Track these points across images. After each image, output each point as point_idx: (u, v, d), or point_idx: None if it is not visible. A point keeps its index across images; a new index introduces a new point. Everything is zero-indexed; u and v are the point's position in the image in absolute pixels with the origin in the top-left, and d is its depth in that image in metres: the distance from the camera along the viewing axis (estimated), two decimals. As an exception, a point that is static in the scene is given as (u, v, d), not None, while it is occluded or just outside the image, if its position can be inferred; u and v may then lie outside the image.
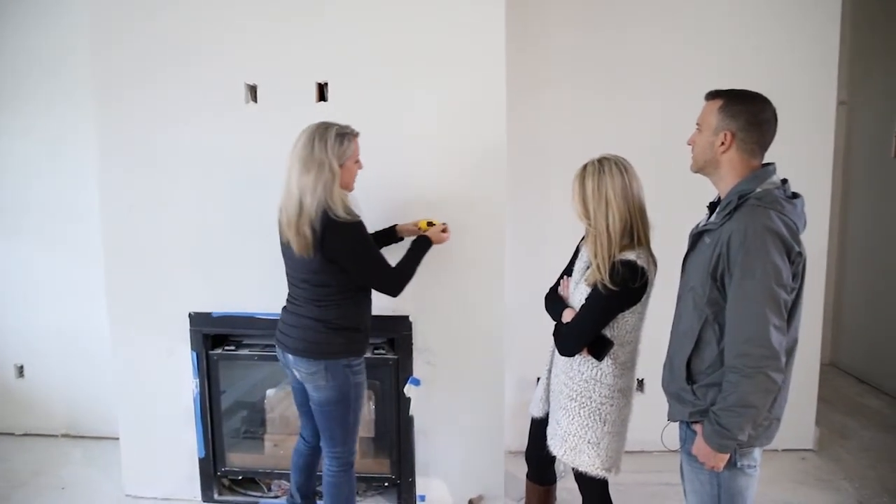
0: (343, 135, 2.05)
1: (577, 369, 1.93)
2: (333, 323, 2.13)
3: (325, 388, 2.15)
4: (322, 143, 2.00)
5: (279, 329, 2.23)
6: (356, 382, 2.21)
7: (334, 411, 2.19)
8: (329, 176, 2.00)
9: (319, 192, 1.98)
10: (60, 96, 3.27)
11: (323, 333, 2.13)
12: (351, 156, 2.07)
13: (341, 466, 2.26)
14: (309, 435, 2.39)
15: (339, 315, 2.14)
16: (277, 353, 2.27)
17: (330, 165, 1.99)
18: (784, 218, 1.51)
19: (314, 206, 1.98)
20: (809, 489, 2.92)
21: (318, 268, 2.07)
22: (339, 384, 2.16)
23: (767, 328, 1.46)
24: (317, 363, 2.13)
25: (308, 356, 2.13)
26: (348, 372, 2.17)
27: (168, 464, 2.84)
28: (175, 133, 2.64)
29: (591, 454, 1.91)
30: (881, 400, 3.93)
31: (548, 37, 3.09)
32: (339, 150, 2.03)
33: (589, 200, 1.85)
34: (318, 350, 2.13)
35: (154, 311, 2.75)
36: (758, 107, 1.60)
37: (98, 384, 3.38)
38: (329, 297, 2.12)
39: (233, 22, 2.58)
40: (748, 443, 1.59)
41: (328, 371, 2.13)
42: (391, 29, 2.54)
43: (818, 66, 3.05)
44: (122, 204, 2.71)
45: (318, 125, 2.05)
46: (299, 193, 2.00)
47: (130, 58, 2.63)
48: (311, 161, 1.99)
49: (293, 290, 2.20)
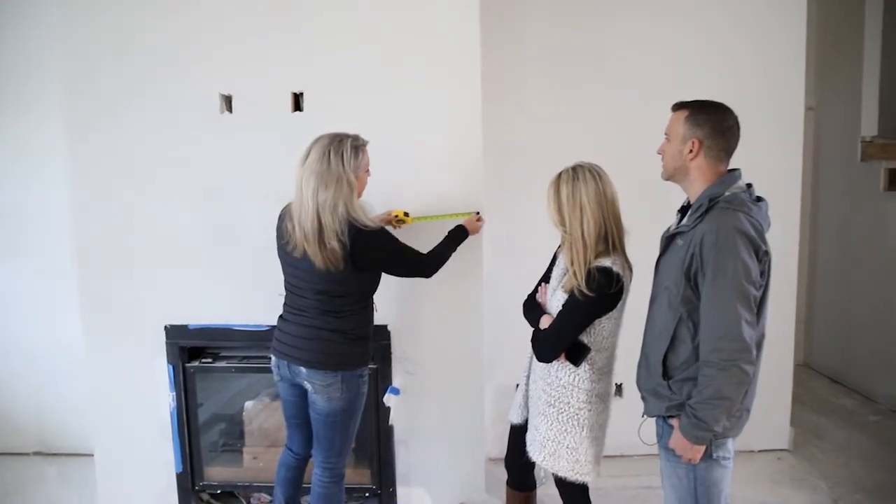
0: (357, 147, 2.02)
1: (555, 375, 1.95)
2: (351, 333, 2.12)
3: (338, 399, 2.13)
4: (338, 158, 1.96)
5: (281, 341, 2.16)
6: (363, 392, 2.21)
7: (339, 422, 2.17)
8: (348, 190, 1.97)
9: (341, 208, 1.95)
10: (30, 102, 3.21)
11: (342, 344, 2.11)
12: (364, 166, 2.06)
13: (333, 478, 2.24)
14: (298, 447, 2.33)
15: (357, 325, 2.13)
16: (277, 366, 2.20)
17: (348, 180, 1.97)
18: (751, 219, 1.61)
19: (337, 222, 1.95)
20: (786, 489, 2.96)
21: (344, 278, 2.03)
22: (352, 395, 2.15)
23: (739, 323, 1.55)
24: (334, 375, 2.10)
25: (326, 368, 2.09)
26: (360, 382, 2.18)
27: (144, 479, 2.80)
28: (149, 143, 2.61)
29: (571, 459, 1.93)
30: (854, 399, 4.01)
31: (523, 41, 3.12)
32: (355, 164, 2.00)
33: (564, 208, 1.88)
34: (336, 361, 2.10)
35: (129, 323, 2.71)
36: (721, 115, 1.71)
37: (70, 400, 3.31)
38: (347, 308, 2.10)
39: (207, 32, 2.57)
40: (723, 434, 1.66)
41: (344, 382, 2.12)
42: (365, 38, 2.54)
43: (786, 73, 3.12)
44: (95, 215, 2.67)
45: (332, 138, 2.01)
46: (316, 209, 1.95)
47: (103, 66, 2.59)
48: (329, 176, 1.95)
49: (301, 302, 2.13)
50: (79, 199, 2.68)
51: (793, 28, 3.11)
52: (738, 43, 3.10)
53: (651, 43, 3.10)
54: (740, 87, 3.00)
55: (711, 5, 3.10)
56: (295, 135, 2.55)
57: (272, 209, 2.38)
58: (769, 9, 3.09)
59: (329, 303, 2.09)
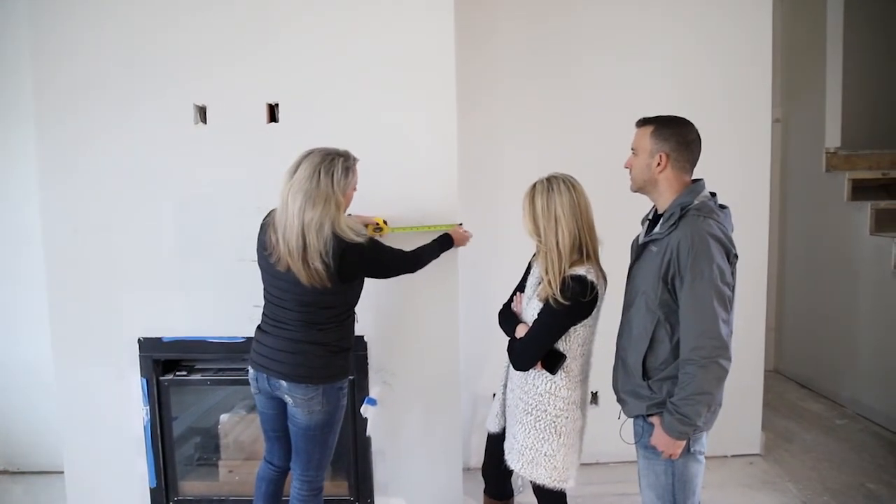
0: (348, 167, 2.00)
1: (532, 383, 1.97)
2: (334, 345, 2.10)
3: (318, 412, 2.10)
4: (328, 178, 1.94)
5: (260, 353, 2.12)
6: (342, 405, 2.20)
7: (319, 435, 2.15)
8: (335, 210, 1.96)
9: (327, 227, 1.94)
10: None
11: (324, 357, 2.08)
12: (352, 185, 2.05)
13: (311, 491, 2.22)
14: (279, 459, 2.29)
15: (339, 336, 2.12)
16: (255, 378, 2.16)
17: (336, 200, 1.95)
18: (720, 225, 1.71)
19: (322, 242, 1.93)
20: (757, 492, 3.02)
21: (332, 290, 2.01)
22: (332, 408, 2.13)
23: (717, 322, 1.64)
24: (315, 388, 2.07)
25: (308, 382, 2.06)
26: (340, 395, 2.16)
27: (117, 496, 2.74)
28: (121, 154, 2.59)
29: (548, 467, 1.95)
30: (821, 403, 4.11)
31: (497, 52, 3.16)
32: (345, 183, 1.98)
33: (539, 218, 1.91)
34: (318, 375, 2.07)
35: (101, 337, 2.66)
36: (685, 129, 1.81)
37: (38, 416, 3.23)
38: (331, 320, 2.09)
39: (181, 42, 2.56)
40: (702, 428, 1.75)
41: (325, 396, 2.09)
42: (341, 49, 2.55)
43: (754, 86, 3.21)
44: (65, 227, 2.63)
45: (324, 156, 1.98)
46: (302, 227, 1.92)
47: (74, 74, 2.56)
48: (318, 195, 1.92)
49: (283, 314, 2.08)
50: (48, 209, 2.63)
51: (759, 43, 3.20)
52: (708, 58, 3.18)
53: (622, 58, 3.16)
54: (710, 101, 3.10)
55: (682, 22, 3.17)
56: (270, 146, 2.58)
57: (247, 220, 2.38)
58: (737, 25, 3.18)
59: (314, 314, 2.06)
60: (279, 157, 2.57)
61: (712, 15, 3.18)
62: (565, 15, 3.17)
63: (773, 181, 3.44)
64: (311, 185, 1.92)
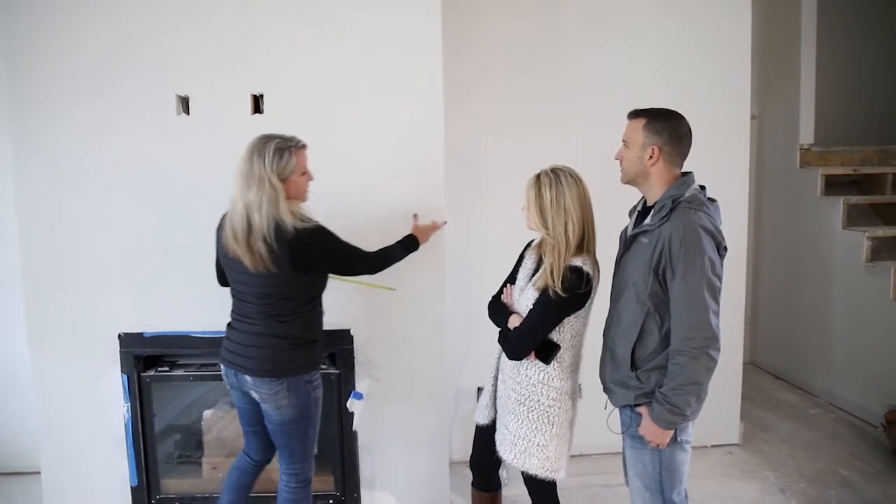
0: (283, 149, 1.97)
1: (524, 374, 1.98)
2: (297, 338, 2.07)
3: (287, 406, 2.08)
4: (260, 159, 1.94)
5: (228, 349, 2.12)
6: (316, 397, 2.16)
7: (295, 430, 2.13)
8: (271, 191, 1.94)
9: (265, 208, 1.93)
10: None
11: (285, 350, 2.06)
12: (295, 169, 2.01)
13: (299, 483, 2.21)
14: (256, 453, 2.28)
15: (303, 328, 2.08)
16: (225, 374, 2.16)
17: (270, 181, 1.93)
18: (710, 217, 1.73)
19: (264, 223, 1.92)
20: (737, 481, 3.09)
21: (288, 280, 2.00)
22: (301, 402, 2.10)
23: (708, 313, 1.66)
24: (279, 382, 2.05)
25: (270, 375, 2.04)
26: (309, 388, 2.12)
27: (97, 495, 2.68)
28: (100, 146, 2.52)
29: (541, 457, 1.96)
30: (795, 394, 4.21)
31: (484, 46, 3.16)
32: (280, 166, 1.96)
33: (547, 210, 1.91)
34: (281, 368, 2.05)
35: (80, 333, 2.60)
36: (677, 123, 1.81)
37: (11, 415, 3.14)
38: (292, 311, 2.06)
39: (163, 30, 2.50)
40: (689, 417, 1.76)
41: (291, 389, 2.07)
42: (328, 40, 2.53)
43: (732, 84, 3.27)
44: (42, 222, 2.56)
45: (259, 139, 1.99)
46: (245, 210, 1.94)
47: (51, 63, 2.49)
48: (252, 177, 1.94)
49: (246, 308, 2.08)
50: (24, 204, 2.56)
51: (739, 40, 3.25)
52: (690, 54, 3.23)
53: (606, 55, 3.19)
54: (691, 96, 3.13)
55: (665, 22, 3.22)
56: (255, 138, 2.53)
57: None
58: (718, 23, 3.23)
59: (274, 307, 2.04)
60: (265, 149, 2.55)
61: (695, 11, 3.22)
62: (551, 11, 3.18)
63: (749, 176, 3.50)
64: (246, 168, 1.96)
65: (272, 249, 1.94)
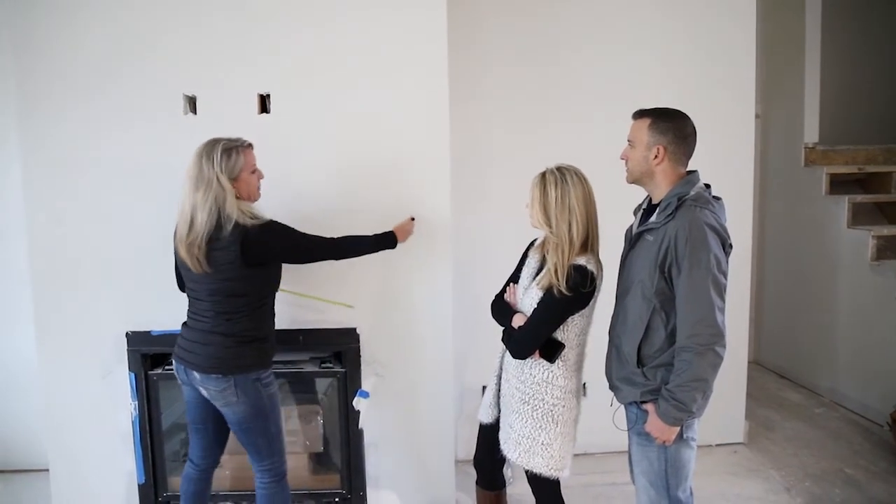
0: (230, 149, 2.03)
1: (528, 373, 1.98)
2: (244, 335, 2.09)
3: (237, 405, 2.11)
4: (209, 161, 2.00)
5: (180, 346, 2.16)
6: (269, 394, 2.17)
7: (253, 426, 2.15)
8: (220, 190, 1.99)
9: (211, 207, 1.98)
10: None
11: (232, 348, 2.08)
12: (244, 167, 2.07)
13: (274, 477, 2.22)
14: (198, 457, 2.30)
15: (250, 326, 2.11)
16: (175, 370, 2.20)
17: (219, 180, 1.99)
18: (715, 215, 1.74)
19: (206, 223, 1.98)
20: (742, 479, 3.09)
21: (238, 277, 2.04)
22: (252, 400, 2.12)
23: (713, 310, 1.67)
24: (226, 380, 2.08)
25: (217, 372, 2.08)
26: (258, 386, 2.13)
27: (104, 492, 2.70)
28: (109, 145, 2.54)
29: (545, 455, 1.96)
30: (800, 393, 4.21)
31: (488, 45, 3.17)
32: (228, 165, 2.02)
33: (551, 209, 1.91)
34: (227, 365, 2.07)
35: (87, 332, 2.62)
36: (682, 122, 1.82)
37: (20, 413, 3.16)
38: (241, 309, 2.09)
39: (170, 29, 2.51)
40: (695, 414, 1.76)
41: (238, 387, 2.09)
42: (333, 39, 2.54)
43: (738, 82, 3.26)
44: (50, 221, 2.57)
45: (206, 143, 2.05)
46: (191, 211, 2.00)
47: (59, 62, 2.51)
48: (201, 179, 2.00)
49: (199, 305, 2.14)
50: (32, 202, 2.57)
51: (743, 39, 3.25)
52: (694, 52, 3.23)
53: (610, 53, 3.20)
54: (695, 95, 3.13)
55: (669, 19, 3.22)
56: (261, 137, 2.52)
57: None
58: (722, 21, 3.23)
59: (223, 304, 2.08)
60: (270, 148, 2.56)
61: (699, 8, 3.22)
62: (555, 8, 3.18)
63: (754, 175, 3.50)
64: (196, 171, 2.01)
65: (218, 248, 1.99)
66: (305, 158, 2.58)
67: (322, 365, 2.69)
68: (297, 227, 2.16)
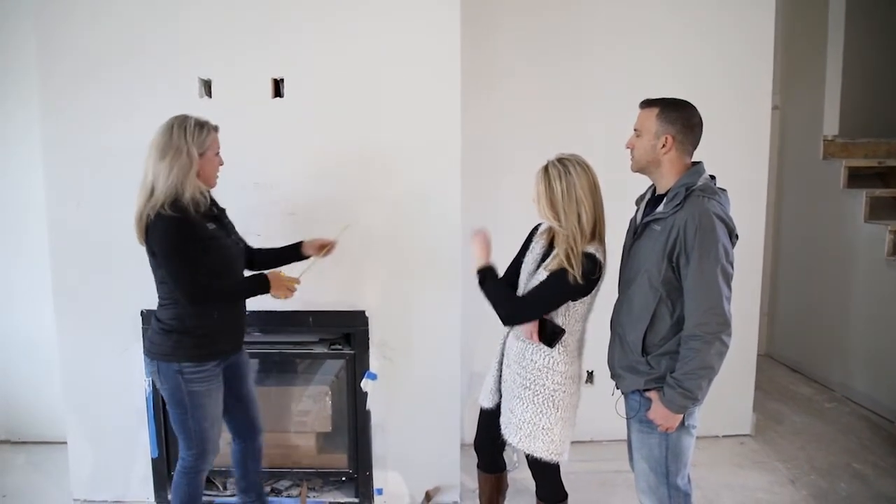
0: (203, 124, 2.02)
1: (529, 358, 2.00)
2: (165, 324, 2.09)
3: (163, 389, 2.14)
4: (181, 130, 1.96)
5: None
6: (191, 391, 2.09)
7: (174, 414, 2.15)
8: (186, 161, 1.96)
9: (174, 176, 1.94)
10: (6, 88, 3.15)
11: (157, 334, 2.10)
12: (211, 147, 2.04)
13: (181, 468, 2.21)
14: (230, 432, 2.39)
15: (172, 316, 2.08)
16: None
17: (188, 151, 1.95)
18: (721, 206, 1.75)
19: (164, 193, 1.94)
20: (748, 471, 3.10)
21: (156, 265, 2.04)
22: (171, 388, 2.10)
23: (721, 299, 1.70)
24: (152, 364, 2.12)
25: (147, 355, 2.15)
26: (179, 378, 2.08)
27: (120, 465, 2.79)
28: (125, 127, 2.57)
29: (546, 440, 1.99)
30: (811, 387, 4.18)
31: (501, 35, 3.17)
32: (199, 139, 1.99)
33: (559, 203, 1.89)
34: (153, 350, 2.11)
35: (104, 309, 2.68)
36: (689, 112, 1.83)
37: (40, 387, 3.26)
38: (167, 297, 2.08)
39: (187, 15, 2.55)
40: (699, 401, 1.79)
41: (161, 373, 2.10)
42: (348, 27, 2.56)
43: (755, 73, 3.23)
44: (68, 201, 2.63)
45: (176, 116, 2.02)
46: (152, 180, 1.96)
47: (77, 47, 2.55)
48: (169, 147, 1.95)
49: None
50: (52, 184, 2.64)
51: (761, 30, 3.21)
52: (710, 45, 3.20)
53: (626, 46, 3.18)
54: (711, 87, 3.11)
55: (685, 9, 3.19)
56: (275, 121, 2.58)
57: (249, 195, 2.40)
58: (740, 12, 3.20)
59: (157, 289, 2.10)
60: (283, 132, 2.60)
61: (715, 2, 3.18)
62: (569, 5, 3.17)
63: (770, 167, 3.46)
64: (164, 139, 1.96)
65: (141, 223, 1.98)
66: (317, 143, 2.61)
67: (331, 347, 2.73)
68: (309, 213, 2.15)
